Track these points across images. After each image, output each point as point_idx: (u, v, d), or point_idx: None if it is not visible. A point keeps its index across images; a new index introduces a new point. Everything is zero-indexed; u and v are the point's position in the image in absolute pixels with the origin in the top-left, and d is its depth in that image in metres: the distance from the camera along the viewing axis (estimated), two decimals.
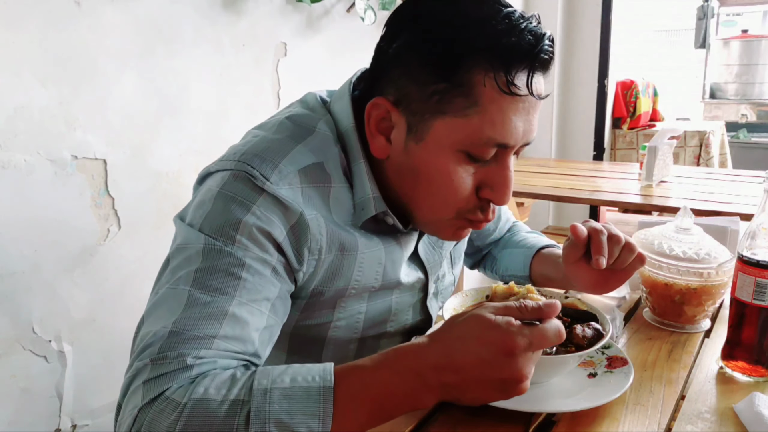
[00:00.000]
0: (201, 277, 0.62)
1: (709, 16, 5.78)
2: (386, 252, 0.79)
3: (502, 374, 0.55)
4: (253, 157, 0.68)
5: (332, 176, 0.73)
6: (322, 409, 0.55)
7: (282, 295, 0.68)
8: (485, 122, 0.67)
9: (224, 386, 0.56)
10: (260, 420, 0.54)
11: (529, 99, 0.68)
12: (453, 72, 0.66)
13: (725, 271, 0.91)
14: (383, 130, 0.73)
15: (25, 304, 1.20)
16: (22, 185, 1.16)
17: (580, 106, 3.38)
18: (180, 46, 1.41)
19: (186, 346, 0.59)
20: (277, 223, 0.66)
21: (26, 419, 1.22)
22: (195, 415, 0.54)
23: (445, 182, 0.70)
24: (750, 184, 2.31)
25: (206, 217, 0.65)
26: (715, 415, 0.72)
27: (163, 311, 0.61)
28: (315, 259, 0.71)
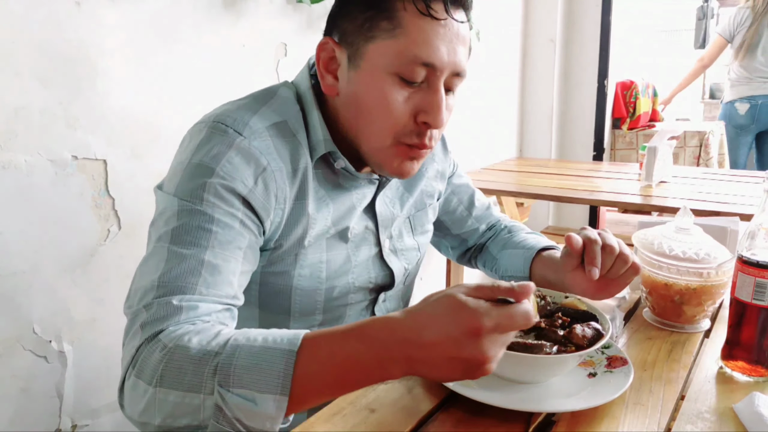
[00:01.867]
0: (178, 235, 0.70)
1: (708, 16, 5.78)
2: (336, 199, 0.85)
3: (467, 354, 0.56)
4: (226, 117, 0.77)
5: (296, 131, 0.81)
6: (283, 370, 0.57)
7: (251, 245, 0.75)
8: (409, 42, 0.74)
9: (206, 337, 0.62)
10: (225, 372, 0.58)
11: (450, 24, 0.76)
12: (378, 0, 0.75)
13: (725, 271, 0.91)
14: (331, 69, 0.81)
15: (25, 304, 1.20)
16: (23, 185, 1.16)
17: (579, 107, 3.38)
18: (180, 46, 1.41)
19: (173, 293, 0.66)
20: (241, 178, 0.73)
21: (26, 419, 1.22)
22: (175, 358, 0.61)
23: (382, 104, 0.77)
24: (750, 184, 2.31)
25: (179, 185, 0.73)
26: (715, 415, 0.72)
27: (149, 267, 0.69)
28: (281, 208, 0.78)
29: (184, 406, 0.59)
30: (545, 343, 0.73)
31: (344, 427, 0.69)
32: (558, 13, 3.19)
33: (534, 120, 3.33)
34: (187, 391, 0.59)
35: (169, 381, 0.60)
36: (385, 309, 0.96)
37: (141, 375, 0.62)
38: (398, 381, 0.78)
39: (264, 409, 0.57)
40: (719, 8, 6.13)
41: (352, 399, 0.74)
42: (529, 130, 3.36)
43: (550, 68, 3.24)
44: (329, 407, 0.72)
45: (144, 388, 0.61)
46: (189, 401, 0.59)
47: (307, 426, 0.69)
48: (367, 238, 0.90)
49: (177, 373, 0.60)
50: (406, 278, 0.99)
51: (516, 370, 0.75)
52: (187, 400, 0.59)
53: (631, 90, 3.58)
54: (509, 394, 0.73)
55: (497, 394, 0.73)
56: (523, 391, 0.74)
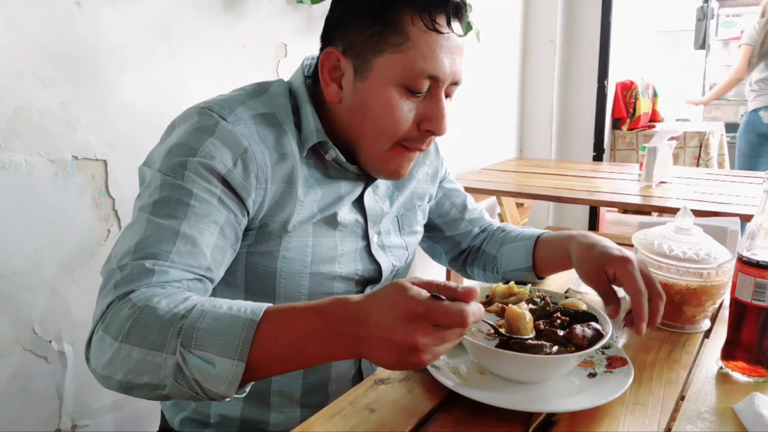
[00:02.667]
0: (158, 206, 0.74)
1: (708, 17, 5.79)
2: (324, 188, 0.87)
3: (398, 336, 0.57)
4: (214, 104, 0.81)
5: (284, 123, 0.84)
6: (243, 337, 0.61)
7: (230, 222, 0.77)
8: (417, 55, 0.79)
9: (175, 301, 0.66)
10: (189, 334, 0.62)
11: (452, 38, 0.81)
12: (386, 15, 0.79)
13: (725, 271, 0.91)
14: (336, 78, 0.84)
15: (25, 304, 1.20)
16: (23, 186, 1.16)
17: (579, 107, 3.38)
18: (180, 46, 1.41)
19: (146, 257, 0.70)
20: (221, 158, 0.76)
21: (26, 419, 1.22)
22: (143, 317, 0.64)
23: (388, 113, 0.81)
24: (750, 184, 2.31)
25: (163, 160, 0.77)
26: (715, 415, 0.72)
27: (128, 235, 0.73)
28: (263, 188, 0.80)
29: (146, 363, 0.63)
30: (545, 343, 0.73)
31: (344, 427, 0.69)
32: (558, 14, 3.19)
33: (534, 120, 3.33)
34: (150, 349, 0.63)
35: (135, 338, 0.64)
36: None
37: (108, 330, 0.66)
38: (398, 381, 0.79)
39: (221, 372, 0.61)
40: (719, 9, 6.13)
41: (352, 399, 0.74)
42: (529, 130, 3.36)
43: (550, 68, 3.24)
44: (329, 407, 0.72)
45: (110, 343, 0.65)
46: (151, 359, 0.63)
47: (307, 426, 0.69)
48: (356, 230, 0.92)
49: (143, 331, 0.63)
50: (394, 276, 1.00)
51: (516, 370, 0.75)
52: (149, 357, 0.63)
53: (631, 90, 3.58)
54: (509, 394, 0.73)
55: (497, 394, 0.73)
56: (523, 391, 0.74)
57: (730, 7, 6.46)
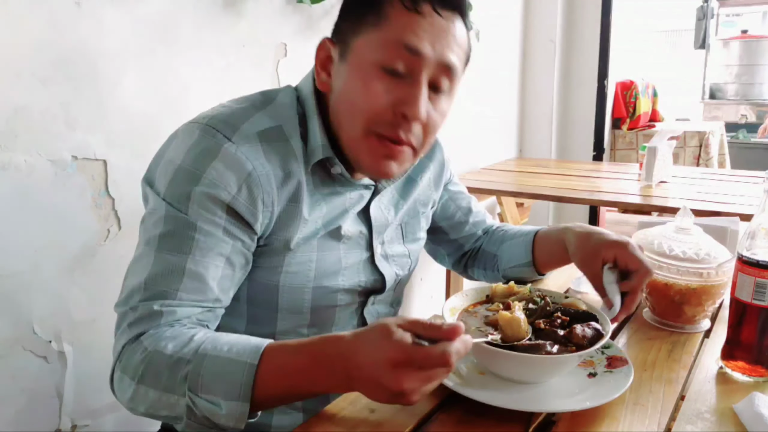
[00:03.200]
0: (163, 241, 0.75)
1: (708, 16, 5.78)
2: (329, 203, 0.86)
3: (384, 381, 0.59)
4: (218, 121, 0.78)
5: (290, 137, 0.82)
6: (244, 381, 0.65)
7: (236, 250, 0.78)
8: (393, 31, 0.76)
9: (180, 343, 0.69)
10: (194, 380, 0.67)
11: (436, 21, 0.77)
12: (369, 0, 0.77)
13: (725, 271, 0.91)
14: (327, 68, 0.83)
15: (25, 304, 1.20)
16: (23, 186, 1.16)
17: (579, 107, 3.38)
18: (180, 46, 1.41)
19: (155, 297, 0.72)
20: (225, 185, 0.75)
21: (26, 419, 1.22)
22: (154, 362, 0.69)
23: (362, 93, 0.78)
24: (750, 184, 2.31)
25: (168, 187, 0.76)
26: (715, 415, 0.72)
27: (138, 268, 0.75)
28: (269, 210, 0.79)
29: (162, 402, 0.69)
30: (545, 343, 0.73)
31: (344, 427, 0.69)
32: (558, 14, 3.19)
33: (534, 120, 3.33)
34: (164, 392, 0.68)
35: (149, 381, 0.69)
36: (374, 312, 0.96)
37: (126, 371, 0.71)
38: None
39: (229, 412, 0.65)
40: (719, 8, 6.13)
41: (352, 399, 0.74)
42: (529, 130, 3.35)
43: (550, 68, 3.24)
44: (329, 407, 0.72)
45: (128, 383, 0.70)
46: (166, 399, 0.68)
47: (307, 426, 0.69)
48: (360, 242, 0.91)
49: (155, 375, 0.69)
50: (397, 284, 0.99)
51: (516, 370, 0.75)
52: (164, 398, 0.68)
53: (631, 90, 3.58)
54: (509, 394, 0.73)
55: (497, 394, 0.73)
56: (523, 391, 0.74)
57: (730, 6, 6.46)
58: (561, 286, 1.17)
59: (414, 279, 2.50)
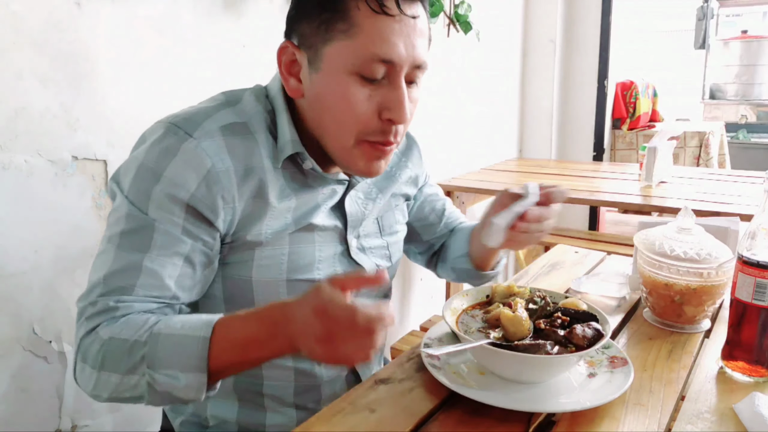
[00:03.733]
0: (124, 238, 0.76)
1: (708, 16, 5.78)
2: (299, 199, 0.85)
3: (310, 329, 0.64)
4: (181, 119, 0.79)
5: (256, 132, 0.82)
6: (198, 353, 0.69)
7: (196, 249, 0.78)
8: (366, 40, 0.75)
9: (134, 328, 0.72)
10: (151, 358, 0.70)
11: (405, 20, 0.76)
12: (331, 1, 0.76)
13: (725, 271, 0.91)
14: (293, 72, 0.82)
15: (25, 305, 1.20)
16: (23, 186, 1.16)
17: (579, 107, 3.38)
18: (180, 46, 1.41)
19: (112, 293, 0.75)
20: (184, 183, 0.76)
21: (26, 419, 1.22)
22: (111, 350, 0.72)
23: (343, 104, 0.78)
24: (750, 184, 2.31)
25: (130, 186, 0.77)
26: (715, 415, 0.72)
27: (99, 264, 0.77)
28: (231, 207, 0.79)
29: (124, 385, 0.72)
30: (545, 343, 0.73)
31: (344, 427, 0.69)
32: (558, 14, 3.19)
33: (534, 120, 3.33)
34: (125, 374, 0.71)
35: (109, 367, 0.72)
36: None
37: (86, 361, 0.74)
38: (398, 381, 0.79)
39: (187, 384, 0.69)
40: (719, 9, 6.13)
41: (352, 399, 0.74)
42: (529, 130, 3.36)
43: (550, 68, 3.24)
44: (329, 407, 0.72)
45: (90, 372, 0.73)
46: (127, 381, 0.72)
47: (307, 426, 0.69)
48: (334, 235, 0.90)
49: (114, 360, 0.71)
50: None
51: (516, 370, 0.75)
52: (125, 380, 0.72)
53: (631, 90, 3.58)
54: (509, 394, 0.73)
55: (497, 394, 0.73)
56: (523, 391, 0.74)
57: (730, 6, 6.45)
58: (561, 286, 1.17)
59: (414, 279, 2.50)
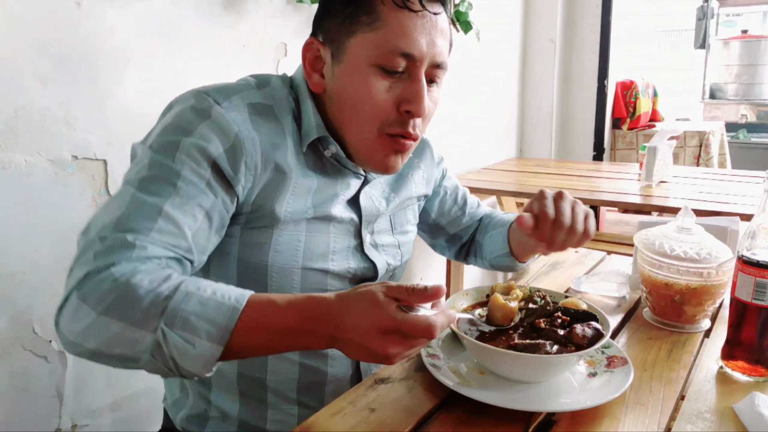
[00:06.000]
0: (144, 183, 0.73)
1: (708, 16, 5.78)
2: (319, 183, 0.86)
3: (371, 345, 0.62)
4: (211, 89, 0.81)
5: (281, 116, 0.83)
6: (225, 323, 0.64)
7: (216, 207, 0.77)
8: (389, 33, 0.77)
9: (157, 280, 0.66)
10: (173, 315, 0.63)
11: (427, 16, 0.79)
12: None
13: (725, 271, 0.91)
14: (317, 68, 0.84)
15: (25, 304, 1.20)
16: (23, 185, 1.16)
17: (580, 107, 3.38)
18: (180, 46, 1.41)
19: (127, 231, 0.69)
20: (214, 142, 0.76)
21: (26, 419, 1.22)
22: (125, 294, 0.64)
23: (365, 95, 0.80)
24: (750, 184, 2.31)
25: (156, 139, 0.76)
26: (715, 415, 0.72)
27: (112, 207, 0.72)
28: (252, 174, 0.79)
29: (123, 337, 0.64)
30: (545, 343, 0.73)
31: (344, 427, 0.69)
32: (558, 14, 3.19)
33: (534, 120, 3.33)
34: (130, 325, 0.64)
35: (115, 312, 0.64)
36: None
37: (86, 300, 0.65)
38: (398, 381, 0.79)
39: (201, 353, 0.64)
40: (719, 8, 6.13)
41: (352, 399, 0.74)
42: (529, 130, 3.35)
43: (550, 68, 3.24)
44: (329, 407, 0.72)
45: (87, 312, 0.65)
46: (129, 333, 0.64)
47: (307, 425, 0.69)
48: (350, 228, 0.91)
49: (124, 307, 0.64)
50: (392, 276, 1.00)
51: (516, 369, 0.75)
52: (127, 332, 0.64)
53: (631, 90, 3.58)
54: (509, 394, 0.73)
55: (497, 394, 0.73)
56: (523, 391, 0.74)
57: (730, 6, 6.45)
58: (561, 286, 1.17)
59: (414, 278, 2.50)
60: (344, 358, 0.92)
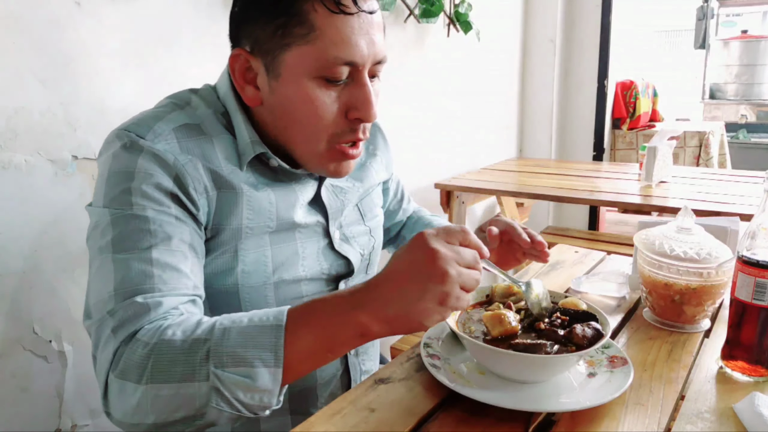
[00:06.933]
0: (118, 243, 0.69)
1: (708, 16, 5.78)
2: (276, 194, 0.82)
3: (422, 270, 0.61)
4: (130, 124, 0.76)
5: (211, 132, 0.79)
6: (273, 343, 0.61)
7: (194, 236, 0.74)
8: (327, 43, 0.73)
9: (189, 327, 0.64)
10: (218, 354, 0.61)
11: (363, 16, 0.75)
12: (286, 5, 0.72)
13: (725, 271, 0.91)
14: (249, 79, 0.79)
15: (25, 304, 1.20)
16: (23, 185, 1.16)
17: (579, 107, 3.38)
18: (180, 46, 1.41)
19: (134, 294, 0.66)
20: (160, 175, 0.72)
21: (26, 419, 1.22)
22: (163, 353, 0.62)
23: (310, 109, 0.76)
24: (750, 184, 2.31)
25: (105, 195, 0.72)
26: (715, 415, 0.72)
27: (100, 282, 0.68)
28: (205, 197, 0.76)
29: (179, 398, 0.61)
30: (545, 343, 0.73)
31: (344, 427, 0.69)
32: (558, 14, 3.19)
33: (534, 120, 3.33)
34: (181, 382, 0.61)
35: (160, 376, 0.61)
36: None
37: (126, 376, 0.62)
38: (398, 381, 0.78)
39: (261, 383, 0.61)
40: (719, 8, 6.13)
41: (352, 399, 0.74)
42: (529, 130, 3.36)
43: (550, 68, 3.24)
44: (329, 407, 0.72)
45: (133, 388, 0.62)
46: (184, 391, 0.61)
47: (307, 426, 0.69)
48: (317, 230, 0.88)
49: (167, 366, 0.61)
50: (368, 263, 0.98)
51: (516, 369, 0.75)
52: (182, 390, 0.61)
53: (631, 90, 3.58)
54: (509, 394, 0.73)
55: (497, 394, 0.73)
56: (523, 391, 0.74)
57: (730, 6, 6.45)
58: (561, 286, 1.17)
59: None
60: None
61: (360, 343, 0.65)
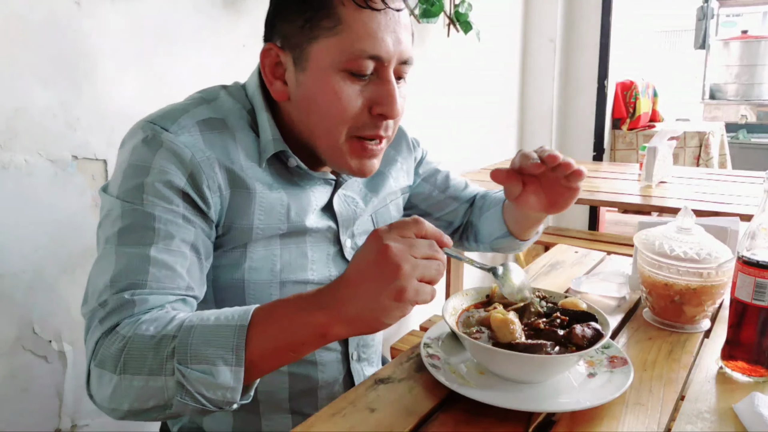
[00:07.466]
0: (123, 235, 0.72)
1: (708, 16, 5.78)
2: (290, 196, 0.84)
3: (378, 267, 0.61)
4: (156, 116, 0.78)
5: (235, 128, 0.81)
6: (235, 343, 0.63)
7: (199, 237, 0.76)
8: (353, 36, 0.74)
9: (162, 323, 0.67)
10: (182, 351, 0.64)
11: (390, 13, 0.76)
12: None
13: (725, 271, 0.91)
14: (278, 75, 0.80)
15: (25, 304, 1.20)
16: (23, 185, 1.16)
17: (579, 107, 3.38)
18: (180, 45, 1.41)
19: (124, 289, 0.70)
20: (174, 173, 0.74)
21: (26, 419, 1.22)
22: (135, 346, 0.65)
23: (333, 101, 0.76)
24: (750, 184, 2.31)
25: (120, 186, 0.75)
26: (715, 415, 0.72)
27: (101, 270, 0.72)
28: (218, 195, 0.77)
29: (148, 389, 0.65)
30: (545, 343, 0.73)
31: (344, 427, 0.69)
32: (558, 14, 3.19)
33: (534, 120, 3.33)
34: (150, 375, 0.65)
35: (132, 368, 0.65)
36: None
37: (104, 365, 0.67)
38: (398, 381, 0.78)
39: (222, 381, 0.63)
40: (719, 9, 6.13)
41: (352, 399, 0.74)
42: (529, 130, 3.36)
43: (550, 68, 3.24)
44: (329, 407, 0.72)
45: (109, 377, 0.66)
46: (152, 384, 0.64)
47: (307, 426, 0.69)
48: (328, 236, 0.89)
49: (138, 359, 0.65)
50: None
51: (516, 370, 0.75)
52: (150, 383, 0.65)
53: (631, 90, 3.58)
54: (509, 394, 0.73)
55: (497, 394, 0.73)
56: (523, 391, 0.74)
57: (730, 6, 6.45)
58: (561, 286, 1.17)
59: None
60: (333, 363, 0.91)
61: (322, 343, 0.66)
